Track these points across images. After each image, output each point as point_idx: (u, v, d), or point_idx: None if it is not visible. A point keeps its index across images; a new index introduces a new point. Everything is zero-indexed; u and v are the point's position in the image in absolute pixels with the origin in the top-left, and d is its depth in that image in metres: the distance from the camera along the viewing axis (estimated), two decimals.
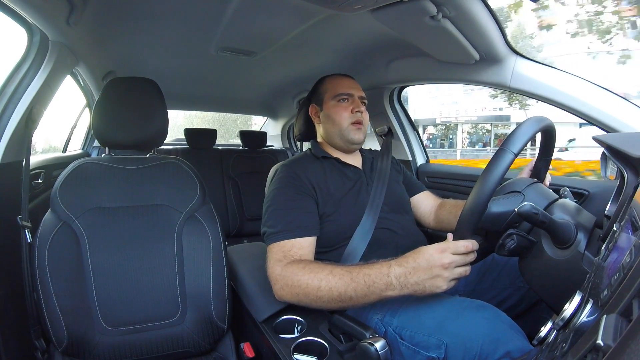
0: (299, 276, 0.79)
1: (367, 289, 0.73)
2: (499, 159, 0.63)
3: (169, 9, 1.13)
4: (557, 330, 0.41)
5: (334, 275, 0.77)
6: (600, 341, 0.25)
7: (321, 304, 0.78)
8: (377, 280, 0.72)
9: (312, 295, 0.78)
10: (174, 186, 0.97)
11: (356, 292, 0.74)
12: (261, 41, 1.38)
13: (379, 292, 0.72)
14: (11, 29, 0.95)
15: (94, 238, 0.87)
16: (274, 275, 0.84)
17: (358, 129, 1.06)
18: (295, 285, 0.79)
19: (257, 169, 2.37)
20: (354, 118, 1.06)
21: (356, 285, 0.74)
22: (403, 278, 0.70)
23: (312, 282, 0.78)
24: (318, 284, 0.77)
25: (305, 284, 0.78)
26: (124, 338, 0.86)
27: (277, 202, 0.93)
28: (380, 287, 0.72)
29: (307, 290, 0.78)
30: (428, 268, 0.68)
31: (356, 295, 0.74)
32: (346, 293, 0.75)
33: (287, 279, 0.81)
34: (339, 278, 0.76)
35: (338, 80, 1.12)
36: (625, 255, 0.35)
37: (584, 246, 0.60)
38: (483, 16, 0.97)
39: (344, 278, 0.75)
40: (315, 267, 0.80)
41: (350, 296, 0.74)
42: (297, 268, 0.81)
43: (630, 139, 0.62)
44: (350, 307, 0.79)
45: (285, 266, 0.83)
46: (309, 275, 0.79)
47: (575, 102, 1.02)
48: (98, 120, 0.94)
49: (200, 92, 2.27)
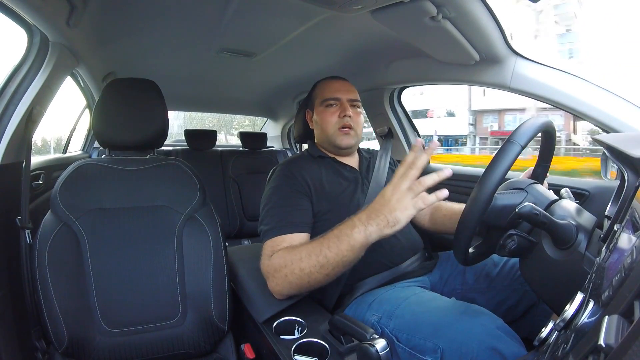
0: (283, 258, 0.81)
1: (337, 239, 0.74)
2: (506, 150, 0.63)
3: (169, 10, 1.13)
4: (558, 331, 0.41)
5: (311, 243, 0.79)
6: (601, 342, 0.24)
7: (308, 278, 0.78)
8: (342, 227, 0.75)
9: (297, 270, 0.78)
10: (174, 187, 0.97)
11: (330, 248, 0.75)
12: (261, 42, 1.38)
13: (347, 240, 0.73)
14: (11, 29, 0.95)
15: (94, 239, 0.87)
16: (264, 269, 0.85)
17: (346, 133, 1.04)
18: (282, 266, 0.81)
19: (257, 170, 2.37)
20: (341, 123, 1.04)
21: (328, 242, 0.76)
22: (365, 217, 0.72)
23: (294, 256, 0.80)
24: (299, 256, 0.79)
25: (290, 261, 0.80)
26: (124, 339, 0.86)
27: (272, 201, 0.94)
28: (346, 232, 0.73)
29: (292, 266, 0.79)
30: (385, 200, 0.71)
31: (330, 252, 0.75)
32: (322, 253, 0.76)
33: (275, 265, 0.82)
34: (314, 243, 0.78)
35: (327, 84, 1.10)
36: (626, 256, 0.35)
37: (584, 247, 0.60)
38: (483, 17, 0.97)
39: (318, 241, 0.78)
40: (296, 246, 0.83)
41: (325, 255, 0.75)
42: (281, 253, 0.83)
43: (630, 139, 0.62)
44: (333, 272, 0.78)
45: (272, 256, 0.85)
46: (291, 254, 0.81)
47: (575, 102, 1.02)
48: (98, 121, 0.94)
49: (201, 93, 2.28)
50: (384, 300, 0.84)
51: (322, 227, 0.94)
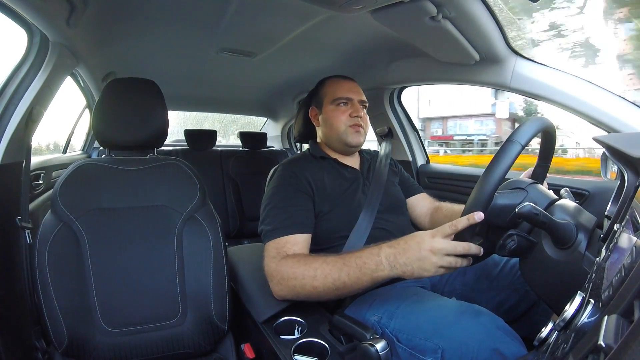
0: (294, 268, 0.80)
1: (359, 270, 0.74)
2: (506, 149, 0.63)
3: (169, 10, 1.13)
4: (558, 331, 0.41)
5: (328, 263, 0.77)
6: (601, 342, 0.24)
7: (317, 294, 0.78)
8: (367, 261, 0.73)
9: (309, 286, 0.78)
10: (174, 187, 0.97)
11: (349, 276, 0.74)
12: (261, 42, 1.38)
13: (370, 273, 0.73)
14: (11, 29, 0.95)
15: (94, 239, 0.87)
16: (270, 272, 0.85)
17: (357, 131, 1.06)
18: (291, 277, 0.80)
19: (257, 170, 2.37)
20: (352, 122, 1.05)
21: (349, 270, 0.75)
22: (392, 258, 0.71)
23: (307, 272, 0.78)
24: (313, 274, 0.77)
25: (301, 275, 0.79)
26: (124, 339, 0.86)
27: (274, 201, 0.94)
28: (370, 267, 0.73)
29: (304, 281, 0.78)
30: (417, 250, 0.69)
31: (349, 280, 0.75)
32: (340, 279, 0.75)
33: (283, 273, 0.81)
34: (332, 265, 0.77)
35: (338, 83, 1.10)
36: (626, 256, 0.35)
37: (584, 247, 0.60)
38: (483, 17, 0.97)
39: (337, 264, 0.76)
40: (309, 259, 0.81)
41: (344, 281, 0.75)
42: (291, 261, 0.82)
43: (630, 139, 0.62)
44: (345, 295, 0.79)
45: (280, 261, 0.83)
46: (304, 267, 0.79)
47: (575, 102, 1.02)
48: (98, 121, 0.94)
49: (201, 93, 2.28)
50: (384, 300, 0.84)
51: (323, 227, 0.95)
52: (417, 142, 1.76)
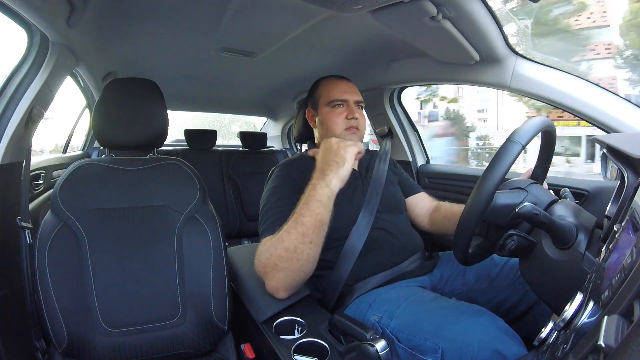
0: (267, 250, 0.83)
1: (306, 205, 0.82)
2: (506, 149, 0.63)
3: (169, 10, 1.13)
4: (558, 331, 0.41)
5: (286, 223, 0.83)
6: (601, 342, 0.24)
7: (296, 255, 0.80)
8: (307, 194, 0.83)
9: (283, 252, 0.80)
10: (174, 187, 0.97)
11: (303, 215, 0.81)
12: (261, 42, 1.38)
13: (315, 198, 0.81)
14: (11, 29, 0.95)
15: (94, 239, 0.87)
16: (257, 269, 0.87)
17: (353, 133, 1.04)
18: (270, 254, 0.82)
19: (257, 170, 2.37)
20: (348, 124, 1.04)
21: (300, 211, 0.82)
22: (319, 173, 0.86)
23: (276, 242, 0.82)
24: (280, 238, 0.82)
25: (273, 247, 0.82)
26: (124, 339, 0.86)
27: (271, 201, 0.95)
28: (311, 194, 0.82)
29: (277, 251, 0.81)
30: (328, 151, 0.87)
31: (305, 218, 0.80)
32: (298, 224, 0.80)
33: (263, 258, 0.84)
34: (290, 222, 0.83)
35: (332, 84, 1.09)
36: (626, 256, 0.35)
37: (584, 247, 0.60)
38: (483, 17, 0.97)
39: (292, 218, 0.83)
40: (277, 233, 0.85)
41: (302, 223, 0.80)
42: (265, 246, 0.85)
43: (630, 139, 0.62)
44: (316, 237, 0.81)
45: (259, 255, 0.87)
46: (271, 242, 0.84)
47: (575, 102, 1.02)
48: (98, 121, 0.94)
49: (201, 93, 2.27)
50: (384, 300, 0.84)
51: None
52: (417, 142, 1.76)
